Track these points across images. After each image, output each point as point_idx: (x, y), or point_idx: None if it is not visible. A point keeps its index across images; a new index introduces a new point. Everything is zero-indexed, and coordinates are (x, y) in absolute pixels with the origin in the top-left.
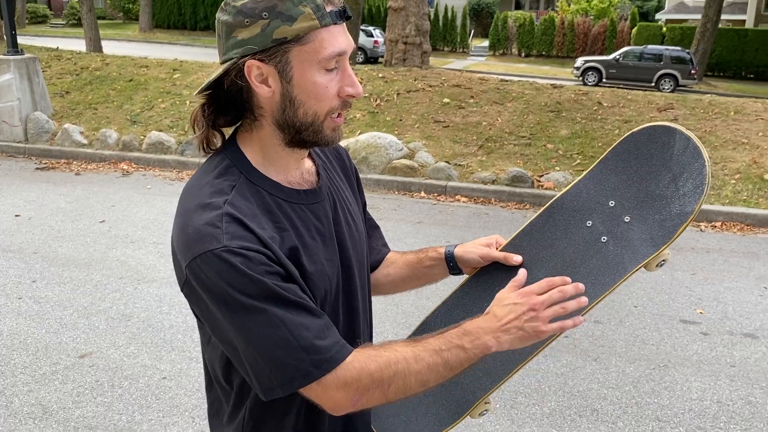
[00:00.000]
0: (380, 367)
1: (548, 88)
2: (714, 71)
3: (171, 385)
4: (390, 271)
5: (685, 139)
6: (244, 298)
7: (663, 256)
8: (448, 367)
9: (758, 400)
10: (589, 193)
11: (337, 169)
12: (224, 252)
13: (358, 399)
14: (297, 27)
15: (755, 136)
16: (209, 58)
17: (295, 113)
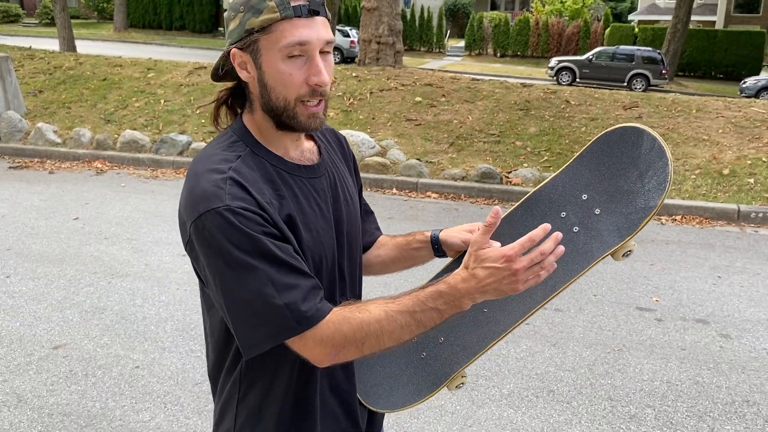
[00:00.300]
0: (353, 329)
1: (518, 87)
2: (685, 71)
3: (143, 374)
4: (380, 252)
5: (651, 140)
6: (239, 253)
7: (628, 247)
8: (420, 326)
9: (705, 380)
10: (565, 186)
11: (337, 152)
12: (225, 210)
13: (335, 354)
14: (262, 18)
15: (715, 133)
16: (184, 58)
17: (269, 98)
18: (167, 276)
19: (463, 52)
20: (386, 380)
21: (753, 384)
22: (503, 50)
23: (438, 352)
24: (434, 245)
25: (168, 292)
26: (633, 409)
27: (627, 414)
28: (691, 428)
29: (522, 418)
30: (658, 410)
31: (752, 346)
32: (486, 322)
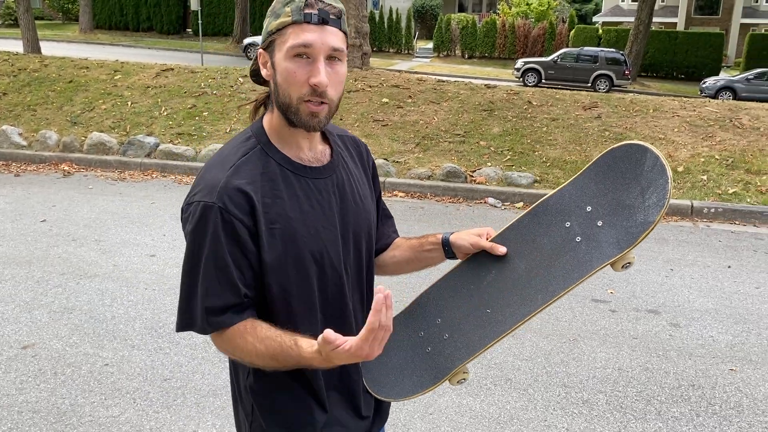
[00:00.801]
0: (234, 350)
1: (482, 89)
2: (647, 72)
3: (113, 371)
4: (395, 253)
5: (654, 158)
6: (197, 249)
7: (628, 259)
8: (284, 365)
9: (654, 367)
10: (571, 197)
11: (353, 157)
12: (211, 206)
13: (223, 353)
14: (278, 21)
15: (671, 132)
16: (152, 59)
17: (279, 94)
18: (136, 276)
19: (432, 54)
20: (392, 371)
21: (699, 369)
22: (471, 51)
23: (442, 347)
24: (445, 247)
25: (137, 292)
26: (586, 394)
27: (580, 399)
28: (639, 411)
29: (480, 405)
30: (609, 395)
31: (700, 334)
32: (488, 322)
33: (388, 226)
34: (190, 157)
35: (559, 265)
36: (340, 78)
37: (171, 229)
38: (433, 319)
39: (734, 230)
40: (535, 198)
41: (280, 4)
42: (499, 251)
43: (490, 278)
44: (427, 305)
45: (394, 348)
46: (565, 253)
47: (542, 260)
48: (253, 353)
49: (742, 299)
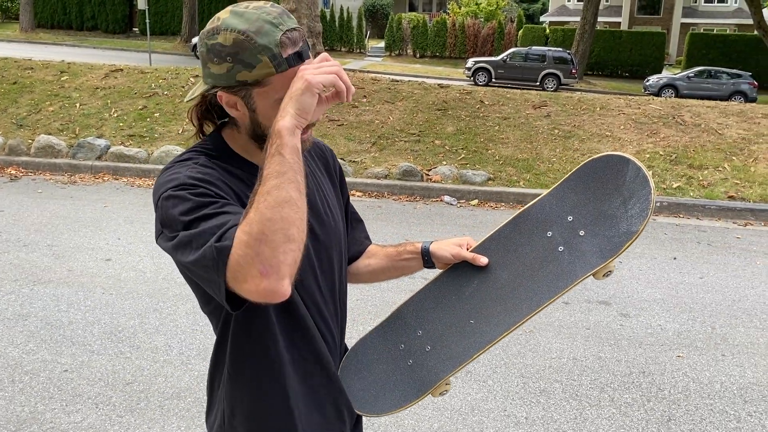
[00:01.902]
0: (250, 222)
1: (436, 88)
2: (593, 70)
3: (73, 377)
4: (371, 261)
5: (636, 168)
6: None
7: (609, 268)
8: (281, 176)
9: (606, 356)
10: (552, 207)
11: (319, 166)
12: (179, 184)
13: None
14: (256, 73)
15: (617, 129)
16: (98, 59)
17: (263, 132)
18: (92, 281)
19: (384, 53)
20: (373, 386)
21: (648, 357)
22: (422, 51)
23: (424, 360)
24: (424, 257)
25: (93, 297)
26: (543, 384)
27: (538, 389)
28: (594, 399)
29: (442, 397)
30: (565, 384)
31: (648, 323)
32: (472, 333)
33: (359, 231)
34: (143, 159)
35: (542, 275)
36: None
37: (126, 233)
38: (413, 332)
39: (678, 223)
40: (489, 195)
41: (248, 52)
42: (481, 262)
43: (472, 289)
44: (407, 317)
45: (374, 361)
46: (548, 262)
47: (525, 270)
48: (258, 199)
49: (687, 289)
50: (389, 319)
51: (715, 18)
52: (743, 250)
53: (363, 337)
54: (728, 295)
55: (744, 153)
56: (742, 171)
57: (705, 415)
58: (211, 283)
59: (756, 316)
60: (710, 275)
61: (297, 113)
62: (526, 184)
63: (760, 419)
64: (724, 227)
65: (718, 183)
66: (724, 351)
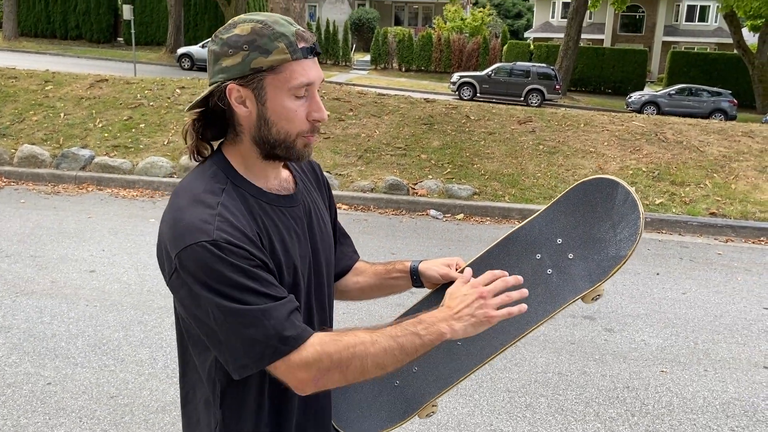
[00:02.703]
0: (339, 350)
1: (422, 103)
2: (577, 86)
3: (56, 390)
4: (359, 279)
5: (625, 193)
6: (223, 285)
7: (598, 292)
8: (403, 352)
9: (591, 371)
10: (541, 229)
11: (311, 180)
12: (211, 244)
13: (319, 378)
14: (272, 59)
15: (601, 145)
16: (83, 69)
17: (269, 131)
18: (76, 293)
19: (369, 66)
20: (359, 406)
21: (632, 371)
22: (408, 65)
23: (411, 381)
24: (413, 276)
25: (77, 309)
26: (528, 399)
27: (523, 403)
28: (579, 413)
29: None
30: (551, 399)
31: (632, 338)
32: (459, 355)
33: (346, 246)
34: (127, 169)
35: (531, 298)
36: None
37: (110, 244)
38: None
39: (661, 239)
40: (474, 210)
41: (266, 38)
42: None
43: None
44: None
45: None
46: (537, 285)
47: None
48: (362, 350)
49: (670, 304)
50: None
51: (696, 37)
52: (724, 266)
53: None
54: (710, 310)
55: (725, 170)
56: (723, 188)
57: (688, 430)
58: (233, 352)
59: (737, 331)
60: (692, 291)
61: (459, 333)
62: (512, 198)
63: None
64: (705, 243)
65: (699, 200)
66: (707, 366)
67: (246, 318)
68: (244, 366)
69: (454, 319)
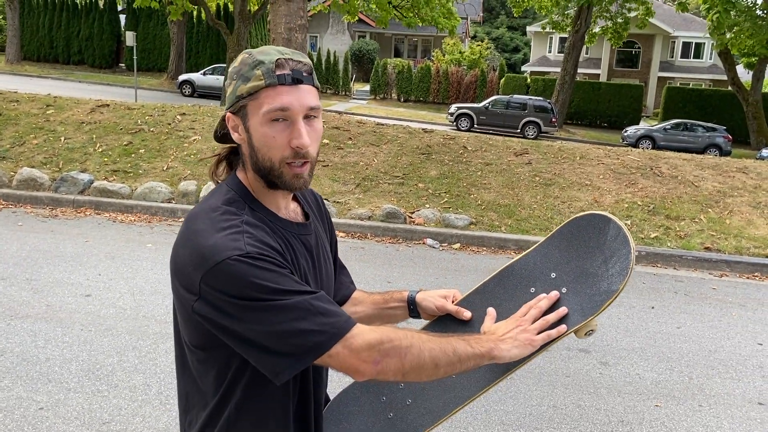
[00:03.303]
0: (399, 337)
1: (420, 133)
2: (573, 119)
3: (48, 415)
4: (358, 309)
5: (617, 228)
6: (261, 290)
7: (591, 327)
8: (456, 355)
9: (586, 404)
10: (536, 264)
11: (314, 212)
12: (244, 256)
13: (380, 360)
14: (249, 85)
15: (597, 179)
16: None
17: (257, 158)
18: (70, 317)
19: (369, 96)
20: None
21: (627, 406)
22: (406, 95)
23: (404, 413)
24: (410, 305)
25: (72, 333)
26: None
27: None
28: None
29: None
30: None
31: (627, 371)
32: (452, 387)
33: (344, 276)
34: (126, 194)
35: None
36: (318, 134)
37: (106, 269)
38: (395, 384)
39: (656, 273)
40: (471, 240)
41: (247, 67)
42: (464, 316)
43: None
44: None
45: (355, 413)
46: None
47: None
48: (419, 340)
49: (665, 339)
50: None
51: (691, 73)
52: (719, 301)
53: (345, 388)
54: (705, 345)
55: (719, 205)
56: (718, 223)
57: None
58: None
59: (732, 367)
60: (687, 325)
61: (505, 354)
62: (508, 229)
63: None
64: (700, 278)
65: (694, 234)
66: (701, 401)
67: (294, 312)
68: (299, 360)
69: (500, 341)
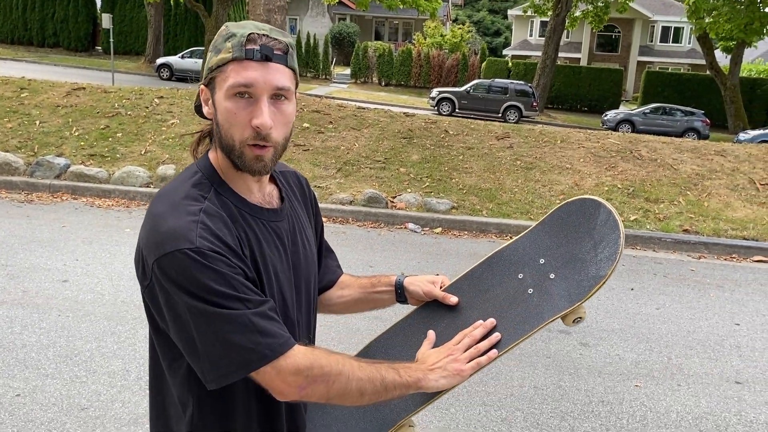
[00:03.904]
0: (330, 363)
1: (401, 117)
2: (553, 103)
3: (25, 402)
4: (344, 293)
5: (607, 212)
6: (205, 292)
7: (579, 314)
8: (384, 385)
9: (567, 385)
10: (525, 249)
11: (297, 195)
12: (194, 251)
13: (306, 386)
14: (218, 57)
15: (577, 162)
16: (60, 77)
17: (221, 135)
18: (47, 302)
19: (349, 80)
20: (335, 422)
21: (607, 386)
22: (387, 79)
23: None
24: (397, 290)
25: (49, 319)
26: (504, 412)
27: (499, 417)
28: (554, 427)
29: None
30: (526, 412)
31: (607, 352)
32: None
33: (331, 260)
34: (103, 179)
35: (510, 317)
36: (287, 118)
37: (84, 254)
38: None
39: (635, 255)
40: (452, 224)
41: (221, 39)
42: (451, 301)
43: (441, 328)
44: (377, 354)
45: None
46: (517, 304)
47: (494, 311)
48: (349, 369)
49: (644, 319)
50: (358, 355)
51: (670, 57)
52: (697, 283)
53: None
54: (683, 326)
55: (698, 188)
56: (696, 205)
57: None
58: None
59: (710, 347)
60: (666, 306)
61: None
62: (489, 213)
63: None
64: (679, 260)
65: (673, 216)
66: (680, 381)
67: (231, 324)
68: (226, 375)
69: (429, 370)
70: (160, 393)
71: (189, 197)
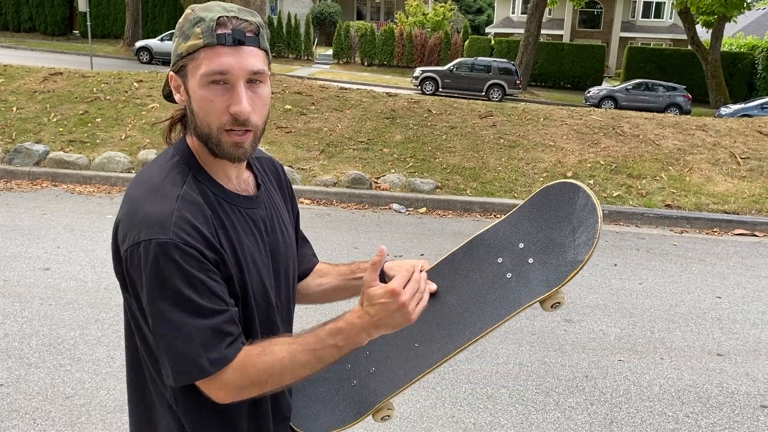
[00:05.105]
0: (258, 372)
1: (384, 97)
2: (537, 81)
3: (9, 391)
4: (323, 281)
5: (585, 197)
6: (169, 292)
7: (557, 299)
8: (321, 362)
9: (551, 361)
10: (505, 233)
11: (272, 182)
12: (167, 243)
13: (237, 394)
14: (188, 44)
15: (560, 140)
16: (37, 63)
17: (196, 123)
18: (29, 291)
19: (332, 60)
20: (315, 404)
21: (591, 361)
22: (370, 59)
23: (367, 381)
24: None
25: (31, 308)
26: (490, 389)
27: (485, 394)
28: (539, 403)
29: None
30: (512, 389)
31: (591, 328)
32: (415, 356)
33: (306, 249)
34: (84, 165)
35: (488, 301)
36: (264, 101)
37: (65, 241)
38: (361, 352)
39: (619, 231)
40: (437, 203)
41: (188, 24)
42: (430, 288)
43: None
44: None
45: (321, 379)
46: (495, 289)
47: (473, 296)
48: (280, 368)
49: (627, 295)
50: None
51: (652, 33)
52: (680, 257)
53: None
54: (666, 300)
55: (680, 163)
56: (678, 180)
57: (645, 417)
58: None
59: (692, 320)
60: (649, 281)
61: (378, 330)
62: (473, 192)
63: (696, 420)
64: (661, 234)
65: (655, 192)
66: (663, 354)
67: (181, 332)
68: (170, 375)
69: (373, 326)
70: (140, 381)
71: (168, 182)
